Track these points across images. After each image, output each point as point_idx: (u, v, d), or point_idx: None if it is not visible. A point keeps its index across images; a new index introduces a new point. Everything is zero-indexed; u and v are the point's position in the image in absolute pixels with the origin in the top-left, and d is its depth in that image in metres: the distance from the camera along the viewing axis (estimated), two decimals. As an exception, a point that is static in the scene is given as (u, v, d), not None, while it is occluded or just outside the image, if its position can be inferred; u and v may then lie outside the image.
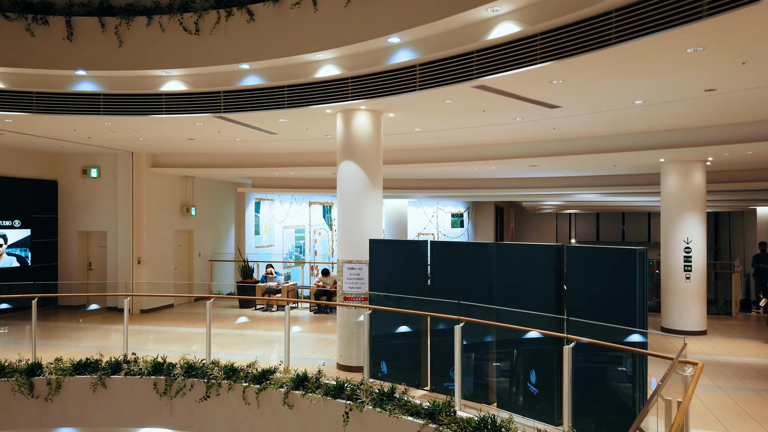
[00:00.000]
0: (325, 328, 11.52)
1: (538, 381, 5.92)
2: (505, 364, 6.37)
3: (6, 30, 7.69)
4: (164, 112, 8.36)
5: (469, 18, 5.82)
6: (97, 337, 11.24)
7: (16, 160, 12.58)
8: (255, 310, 13.51)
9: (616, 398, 5.37)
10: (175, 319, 12.66)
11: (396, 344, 7.31)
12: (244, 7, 7.38)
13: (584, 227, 43.61)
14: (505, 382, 6.36)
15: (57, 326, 11.83)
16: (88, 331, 11.62)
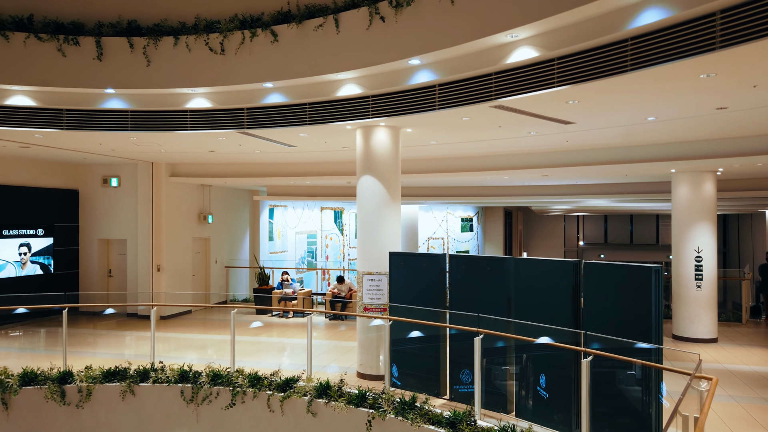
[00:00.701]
0: (342, 335, 11.77)
1: (552, 388, 6.15)
2: (523, 375, 6.58)
3: (38, 50, 7.99)
4: (189, 128, 8.63)
5: (488, 43, 6.05)
6: (120, 343, 11.56)
7: (39, 170, 12.92)
8: (271, 316, 13.78)
9: (631, 408, 5.58)
10: (194, 325, 12.95)
11: (416, 354, 7.55)
12: (269, 28, 7.64)
13: (592, 229, 43.64)
14: (523, 392, 6.58)
15: (79, 332, 12.12)
16: (110, 337, 11.93)
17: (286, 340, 11.58)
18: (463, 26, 6.07)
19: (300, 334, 11.91)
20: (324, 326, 12.86)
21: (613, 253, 41.84)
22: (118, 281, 14.14)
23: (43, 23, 8.01)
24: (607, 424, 5.63)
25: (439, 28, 6.29)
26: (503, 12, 5.67)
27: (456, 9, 6.12)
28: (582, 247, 42.67)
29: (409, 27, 6.60)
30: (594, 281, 5.89)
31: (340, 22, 7.17)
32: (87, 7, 8.28)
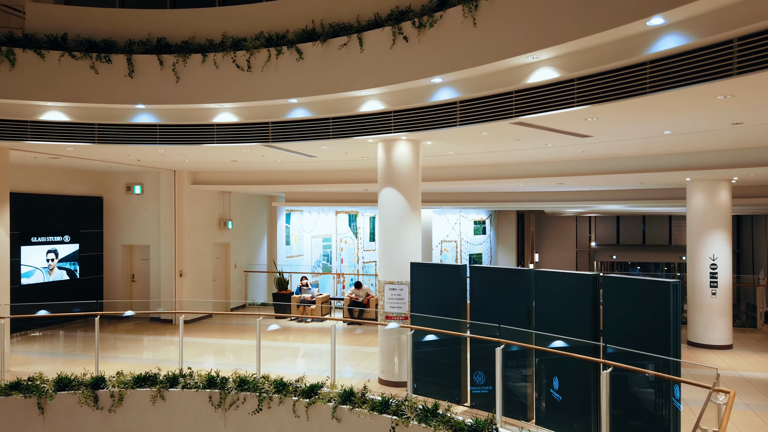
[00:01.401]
0: (360, 340, 12.00)
1: (570, 397, 6.34)
2: (542, 383, 6.78)
3: (72, 68, 8.29)
4: (215, 141, 8.91)
5: (509, 63, 6.25)
6: (145, 348, 11.89)
7: (66, 178, 13.29)
8: (290, 320, 14.06)
9: (644, 410, 5.77)
10: (215, 329, 13.26)
11: (436, 362, 7.77)
12: (294, 46, 7.89)
13: (604, 230, 43.54)
14: (543, 401, 6.78)
15: (104, 336, 12.42)
16: (136, 342, 12.26)
17: (308, 346, 11.84)
18: (485, 47, 6.27)
19: (319, 339, 12.18)
20: (342, 331, 13.11)
21: (625, 253, 41.76)
22: (141, 286, 14.49)
23: (77, 41, 8.31)
24: (624, 427, 5.82)
25: (462, 49, 6.50)
26: (525, 35, 5.87)
27: (478, 31, 6.32)
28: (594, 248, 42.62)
29: (431, 47, 6.82)
30: (613, 294, 6.08)
31: (364, 41, 7.41)
32: (118, 25, 8.58)
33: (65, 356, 10.90)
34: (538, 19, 5.74)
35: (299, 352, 11.43)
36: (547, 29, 5.67)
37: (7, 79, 8.07)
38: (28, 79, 8.15)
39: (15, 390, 8.21)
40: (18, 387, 8.24)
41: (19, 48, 8.09)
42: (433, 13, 6.78)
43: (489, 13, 6.24)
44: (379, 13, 7.37)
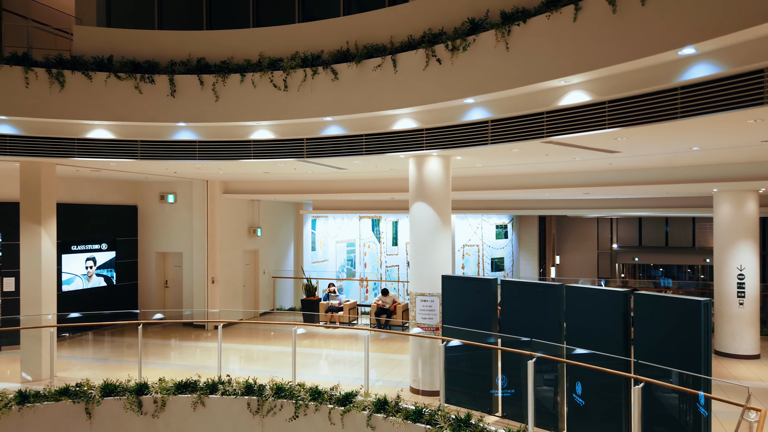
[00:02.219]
0: (389, 347, 12.26)
1: (601, 409, 6.53)
2: (573, 397, 6.98)
3: (118, 88, 8.67)
4: (252, 157, 9.24)
5: (541, 86, 6.46)
6: (182, 353, 12.30)
7: (103, 189, 13.78)
8: (318, 326, 14.37)
9: (668, 415, 5.94)
10: (247, 335, 13.64)
11: (468, 373, 7.99)
12: (329, 67, 8.17)
13: (626, 232, 43.15)
14: (573, 412, 6.97)
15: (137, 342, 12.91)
16: (172, 348, 12.68)
17: (339, 353, 12.13)
18: (517, 71, 6.48)
19: (349, 346, 12.48)
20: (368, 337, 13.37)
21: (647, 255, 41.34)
22: (174, 292, 14.94)
23: (122, 63, 8.69)
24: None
25: (494, 72, 6.72)
26: (558, 61, 6.07)
27: (511, 55, 6.54)
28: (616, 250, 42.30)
29: (464, 69, 7.04)
30: (644, 310, 6.25)
31: (398, 63, 7.66)
32: (160, 46, 8.95)
33: (105, 362, 11.33)
34: (571, 46, 5.93)
35: (330, 359, 11.73)
36: (579, 56, 5.86)
37: (57, 99, 8.48)
38: (77, 99, 8.55)
39: (64, 395, 8.64)
40: (67, 393, 8.66)
41: (68, 70, 8.50)
42: (466, 36, 7.00)
43: (521, 37, 6.45)
44: (412, 35, 7.62)
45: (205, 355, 12.11)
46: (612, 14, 5.51)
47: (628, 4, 5.40)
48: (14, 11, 10.57)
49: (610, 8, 5.51)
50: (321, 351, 12.34)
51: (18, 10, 11.03)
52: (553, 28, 6.13)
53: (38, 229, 9.61)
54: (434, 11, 7.64)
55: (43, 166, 9.69)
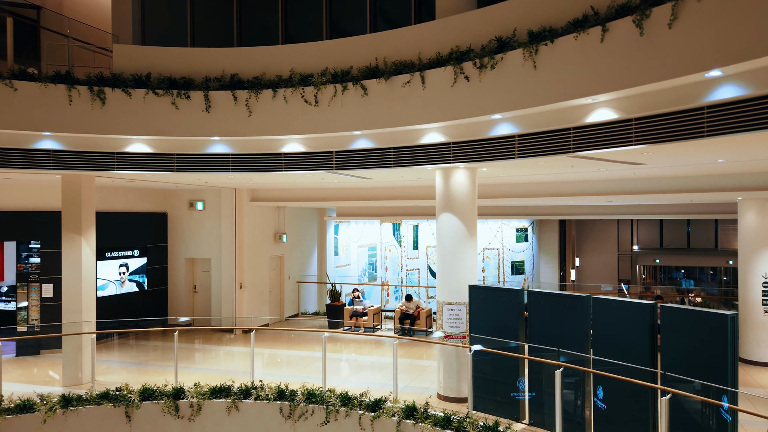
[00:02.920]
0: (414, 352, 12.46)
1: (628, 420, 6.68)
2: (600, 405, 7.14)
3: (155, 104, 9.02)
4: (283, 169, 9.53)
5: (568, 104, 6.63)
6: (213, 358, 12.65)
7: (135, 197, 14.22)
8: (344, 331, 14.65)
9: (691, 420, 6.08)
10: (274, 339, 13.96)
11: (495, 381, 8.18)
12: (359, 83, 8.42)
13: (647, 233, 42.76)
14: (598, 419, 7.12)
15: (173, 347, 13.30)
16: (203, 352, 13.05)
17: (364, 358, 12.38)
18: (545, 89, 6.66)
19: (374, 351, 12.73)
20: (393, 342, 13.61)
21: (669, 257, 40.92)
22: (202, 297, 15.34)
23: (159, 80, 9.03)
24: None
25: (522, 90, 6.90)
26: (585, 80, 6.24)
27: (538, 73, 6.72)
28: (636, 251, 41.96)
29: (492, 87, 7.24)
30: (671, 323, 6.39)
31: (426, 79, 7.87)
32: (195, 63, 9.27)
33: (139, 365, 11.72)
34: (598, 66, 6.10)
35: (356, 364, 11.98)
36: (607, 76, 6.03)
37: (98, 115, 8.85)
38: (116, 115, 8.91)
39: (105, 399, 9.00)
40: (107, 397, 9.03)
41: (109, 87, 8.86)
42: (493, 54, 7.19)
43: (549, 57, 6.63)
44: (440, 52, 7.83)
45: (235, 359, 12.45)
46: (639, 37, 5.67)
47: (655, 27, 5.56)
48: (53, 29, 11.02)
49: (638, 31, 5.67)
50: (348, 356, 12.61)
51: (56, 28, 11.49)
52: (581, 48, 6.30)
53: (79, 238, 10.02)
54: (461, 29, 7.85)
55: (84, 178, 10.09)
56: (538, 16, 6.98)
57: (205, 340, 13.87)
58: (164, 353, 12.58)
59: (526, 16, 7.11)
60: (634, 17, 5.71)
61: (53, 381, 10.37)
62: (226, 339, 13.95)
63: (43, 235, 12.24)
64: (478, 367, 8.23)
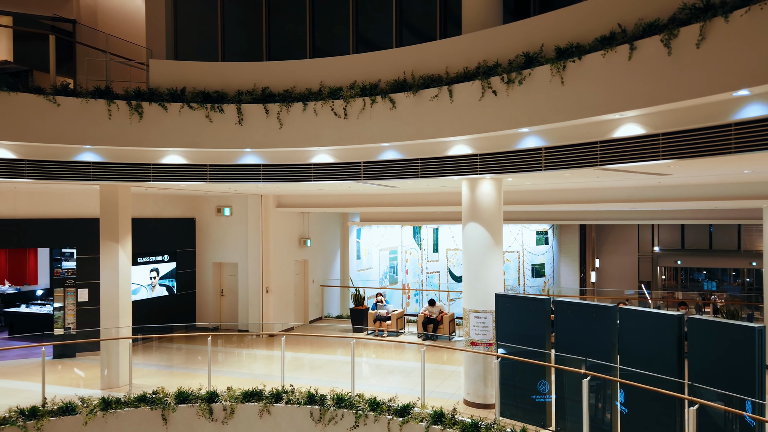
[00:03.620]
0: (437, 357, 12.65)
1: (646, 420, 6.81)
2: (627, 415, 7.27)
3: (190, 118, 9.32)
4: (312, 179, 9.79)
5: (595, 119, 6.77)
6: (240, 361, 12.98)
7: (165, 203, 14.62)
8: (367, 335, 14.90)
9: (714, 424, 6.20)
10: (300, 343, 14.25)
11: (522, 388, 8.34)
12: (387, 96, 8.63)
13: (668, 234, 42.28)
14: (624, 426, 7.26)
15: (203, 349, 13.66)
16: (232, 356, 13.39)
17: (390, 362, 12.61)
18: (572, 105, 6.80)
19: (399, 355, 12.95)
20: (416, 346, 13.83)
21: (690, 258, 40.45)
22: (229, 300, 15.69)
23: (193, 94, 9.34)
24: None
25: (549, 105, 7.05)
26: (612, 97, 6.38)
27: (566, 89, 6.86)
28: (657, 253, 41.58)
29: (520, 101, 7.39)
30: (698, 334, 6.50)
31: (454, 93, 8.05)
32: (227, 77, 9.57)
33: (170, 368, 12.08)
34: (626, 83, 6.23)
35: (382, 369, 12.21)
36: (634, 93, 6.16)
37: (136, 129, 9.18)
38: (153, 128, 9.23)
39: (142, 402, 9.35)
40: (144, 400, 9.37)
41: (146, 102, 9.20)
42: (521, 69, 7.35)
43: (576, 73, 6.77)
44: (467, 66, 8.02)
45: (262, 362, 12.77)
46: (667, 56, 5.80)
47: (683, 46, 5.68)
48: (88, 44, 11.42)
49: (666, 50, 5.81)
50: (373, 360, 12.83)
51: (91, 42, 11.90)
52: (608, 65, 6.43)
53: (116, 246, 10.38)
54: (488, 44, 8.01)
55: (120, 188, 10.46)
56: (565, 32, 7.13)
57: (233, 344, 14.21)
58: (192, 356, 12.96)
59: (553, 32, 7.26)
60: (662, 36, 5.84)
61: (91, 383, 10.76)
62: (253, 342, 14.27)
63: (78, 241, 12.66)
64: (504, 374, 8.40)
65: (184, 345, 13.83)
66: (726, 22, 5.33)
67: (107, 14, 12.89)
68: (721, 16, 5.36)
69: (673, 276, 45.24)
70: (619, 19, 6.55)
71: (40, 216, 12.28)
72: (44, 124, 8.64)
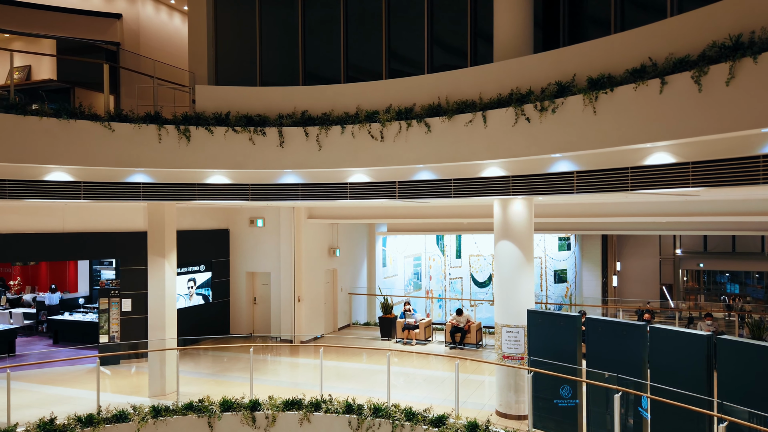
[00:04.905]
0: (466, 367, 13.01)
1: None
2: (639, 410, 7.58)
3: (234, 141, 9.81)
4: (349, 197, 10.23)
5: (627, 148, 7.09)
6: (277, 369, 13.48)
7: (201, 215, 15.20)
8: (395, 342, 15.31)
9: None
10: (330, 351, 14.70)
11: (554, 400, 8.68)
12: (422, 121, 9.02)
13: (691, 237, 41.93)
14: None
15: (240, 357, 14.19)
16: (268, 363, 13.90)
17: (423, 372, 12.97)
18: (604, 134, 7.12)
19: (428, 365, 13.34)
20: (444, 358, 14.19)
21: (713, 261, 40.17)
22: (261, 308, 16.23)
23: (237, 118, 9.83)
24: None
25: (581, 133, 7.37)
26: (643, 128, 6.68)
27: (598, 119, 7.19)
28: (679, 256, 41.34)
29: (552, 129, 7.73)
30: (728, 355, 6.80)
31: (488, 119, 8.42)
32: (268, 101, 10.04)
33: (210, 376, 12.58)
34: (657, 115, 6.53)
35: (411, 377, 12.59)
36: (665, 125, 6.47)
37: (183, 151, 9.70)
38: (200, 151, 9.74)
39: (189, 410, 9.87)
40: (192, 408, 9.90)
41: (193, 126, 9.71)
42: (554, 98, 7.70)
43: (608, 104, 7.09)
44: (500, 93, 8.37)
45: (298, 370, 13.28)
46: (698, 92, 6.11)
47: (713, 83, 5.99)
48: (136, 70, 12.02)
49: (696, 87, 6.12)
50: (403, 369, 13.22)
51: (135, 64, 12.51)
52: (640, 98, 6.74)
53: (162, 261, 10.95)
54: (521, 71, 8.37)
55: (166, 206, 11.02)
56: (596, 62, 7.46)
57: (267, 351, 14.73)
58: (230, 363, 13.49)
59: (584, 62, 7.59)
60: (693, 73, 6.15)
61: (138, 391, 11.32)
62: (287, 350, 14.77)
63: (122, 253, 13.27)
64: (537, 387, 8.75)
65: (222, 353, 14.38)
66: (755, 64, 5.63)
67: (148, 36, 13.50)
68: (750, 57, 5.67)
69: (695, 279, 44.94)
70: (650, 53, 6.86)
71: (86, 230, 12.90)
72: (101, 148, 9.19)
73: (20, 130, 8.64)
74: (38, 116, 8.75)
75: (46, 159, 8.92)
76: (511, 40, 9.12)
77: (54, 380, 12.18)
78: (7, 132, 8.54)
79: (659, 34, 6.88)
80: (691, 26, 6.55)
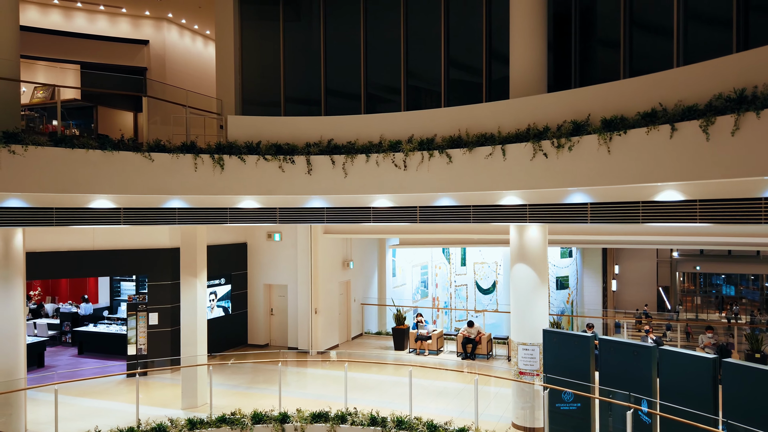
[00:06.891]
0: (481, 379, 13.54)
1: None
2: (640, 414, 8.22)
3: (265, 168, 10.38)
4: (372, 221, 10.82)
5: (639, 185, 7.71)
6: (300, 381, 14.06)
7: (221, 230, 15.77)
8: (408, 353, 15.91)
9: None
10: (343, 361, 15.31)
11: (567, 415, 9.31)
12: (444, 152, 9.61)
13: (687, 241, 42.66)
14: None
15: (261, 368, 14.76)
16: (290, 375, 14.47)
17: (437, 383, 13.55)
18: (617, 172, 7.72)
19: (442, 376, 13.93)
20: (455, 366, 14.81)
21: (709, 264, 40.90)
22: (278, 319, 16.81)
23: (267, 146, 10.41)
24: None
25: (596, 170, 7.98)
26: (655, 168, 7.29)
27: (612, 158, 7.80)
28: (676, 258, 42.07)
29: (568, 164, 8.33)
30: (733, 377, 7.42)
31: (507, 152, 9.02)
32: (297, 131, 10.62)
33: (235, 387, 13.14)
34: (668, 158, 7.14)
35: (428, 389, 13.18)
36: (675, 167, 7.07)
37: (218, 179, 10.27)
38: (233, 178, 10.31)
39: (223, 423, 10.45)
40: (225, 420, 10.48)
41: (226, 154, 10.28)
42: (570, 136, 8.30)
43: (622, 144, 7.70)
44: (518, 128, 8.98)
45: (319, 381, 13.86)
46: (705, 141, 6.73)
47: (719, 133, 6.60)
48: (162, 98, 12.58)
49: (704, 135, 6.73)
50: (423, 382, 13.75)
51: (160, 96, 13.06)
52: (651, 141, 7.35)
53: (194, 280, 11.53)
54: (537, 108, 8.98)
55: (199, 228, 11.58)
56: (609, 102, 8.08)
57: (286, 362, 15.31)
58: (255, 375, 14.08)
59: (598, 103, 8.20)
60: (701, 122, 6.76)
61: (169, 403, 11.89)
62: (306, 361, 15.37)
63: (149, 269, 13.82)
64: (551, 402, 9.36)
65: (245, 364, 14.96)
66: (758, 118, 6.25)
67: (174, 60, 14.07)
68: (753, 111, 6.29)
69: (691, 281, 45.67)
70: (659, 98, 7.48)
71: (115, 247, 13.46)
72: (141, 177, 9.76)
73: (67, 163, 9.20)
74: (84, 149, 9.31)
75: (91, 188, 9.48)
76: (527, 76, 9.73)
77: (85, 392, 12.70)
78: (57, 165, 9.10)
79: (668, 81, 7.49)
80: (698, 76, 7.17)
